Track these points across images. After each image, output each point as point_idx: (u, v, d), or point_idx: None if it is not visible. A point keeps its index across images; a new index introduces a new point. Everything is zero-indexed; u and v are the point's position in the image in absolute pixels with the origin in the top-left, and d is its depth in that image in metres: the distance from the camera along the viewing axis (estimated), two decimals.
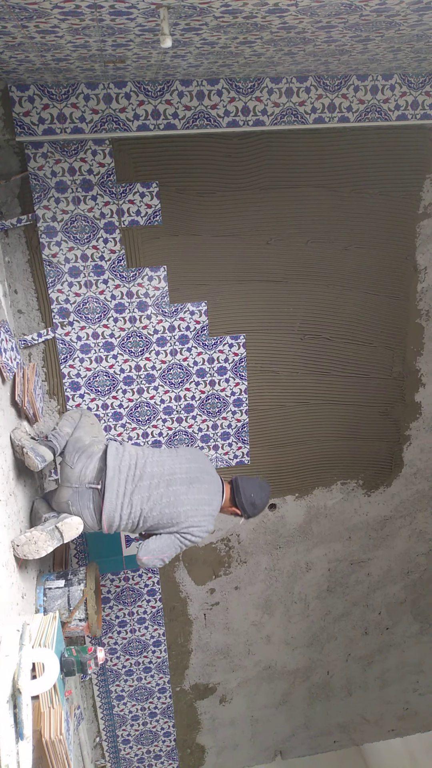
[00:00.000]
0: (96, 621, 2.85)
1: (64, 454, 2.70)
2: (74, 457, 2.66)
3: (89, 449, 2.69)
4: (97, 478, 2.63)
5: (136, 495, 2.63)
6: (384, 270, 3.47)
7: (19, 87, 2.72)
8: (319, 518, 3.99)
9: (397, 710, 4.91)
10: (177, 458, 2.78)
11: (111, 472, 2.61)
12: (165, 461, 2.74)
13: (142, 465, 2.68)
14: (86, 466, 2.64)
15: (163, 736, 4.42)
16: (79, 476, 2.62)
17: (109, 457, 2.65)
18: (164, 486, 2.66)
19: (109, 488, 2.60)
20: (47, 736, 1.95)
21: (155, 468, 2.69)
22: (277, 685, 4.52)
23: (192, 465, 2.77)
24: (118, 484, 2.62)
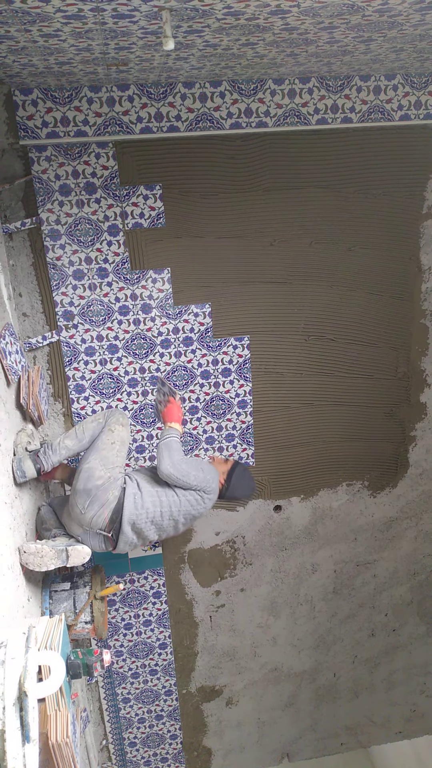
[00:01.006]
0: (102, 623, 2.84)
1: (75, 491, 2.59)
2: (86, 502, 2.56)
3: (103, 495, 2.57)
4: (109, 527, 2.61)
5: (147, 533, 2.71)
6: (388, 270, 3.47)
7: (22, 91, 2.73)
8: (325, 520, 3.98)
9: (404, 712, 4.89)
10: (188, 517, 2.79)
11: (126, 528, 2.63)
12: (182, 503, 2.74)
13: (159, 515, 2.69)
14: (98, 515, 2.58)
15: (170, 738, 4.41)
16: (90, 522, 2.60)
17: (125, 515, 2.60)
18: (176, 515, 2.76)
19: (122, 540, 2.66)
20: (53, 738, 1.95)
21: (170, 524, 2.75)
22: (283, 688, 4.50)
23: (204, 511, 2.86)
24: (132, 536, 2.68)
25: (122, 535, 2.62)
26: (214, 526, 3.83)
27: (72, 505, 2.61)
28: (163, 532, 2.77)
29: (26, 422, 2.97)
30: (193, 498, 2.74)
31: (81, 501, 2.56)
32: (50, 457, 2.65)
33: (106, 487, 2.57)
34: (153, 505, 2.66)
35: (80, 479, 2.58)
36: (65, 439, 2.71)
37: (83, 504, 2.56)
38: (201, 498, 2.76)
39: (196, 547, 3.86)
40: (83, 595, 2.85)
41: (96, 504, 2.56)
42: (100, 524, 2.59)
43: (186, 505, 2.73)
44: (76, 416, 3.36)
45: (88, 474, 2.57)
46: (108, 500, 2.57)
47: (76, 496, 2.57)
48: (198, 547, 3.87)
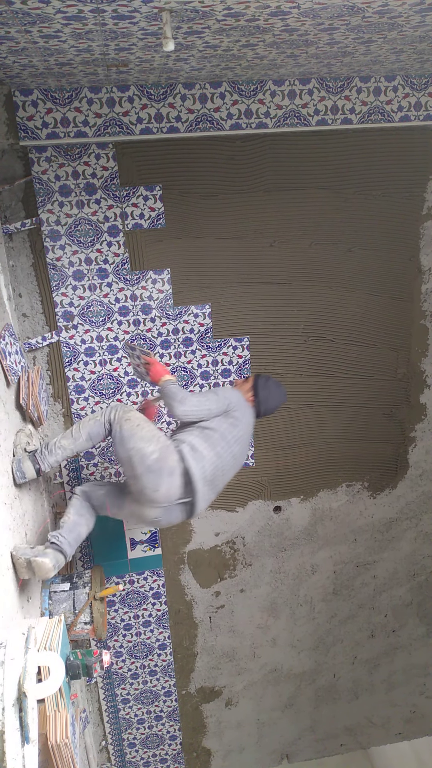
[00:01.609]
0: (101, 624, 2.84)
1: (136, 477, 2.52)
2: (154, 480, 2.50)
3: (165, 465, 2.52)
4: (185, 493, 2.58)
5: (219, 484, 2.71)
6: (388, 271, 3.47)
7: (22, 91, 2.73)
8: (325, 520, 3.98)
9: (404, 713, 4.89)
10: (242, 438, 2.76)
11: (200, 485, 2.59)
12: (235, 450, 2.72)
13: (221, 465, 2.66)
14: (171, 486, 2.53)
15: (169, 739, 4.41)
16: (167, 496, 2.54)
17: (194, 473, 2.56)
18: (237, 464, 2.79)
19: (200, 499, 2.62)
20: (53, 739, 1.95)
21: (230, 460, 2.71)
22: (283, 688, 4.50)
23: (249, 430, 2.82)
24: (206, 492, 2.64)
25: (198, 494, 2.59)
26: (214, 527, 3.83)
27: (140, 491, 2.55)
28: (229, 468, 2.74)
29: (26, 423, 2.97)
30: (226, 423, 2.69)
31: (149, 481, 2.50)
32: (46, 457, 2.62)
33: (163, 456, 2.52)
34: (208, 450, 2.62)
35: (135, 465, 2.51)
36: (61, 439, 2.68)
37: (154, 482, 2.50)
38: (234, 419, 2.70)
39: (195, 548, 3.86)
40: (83, 596, 2.85)
41: (164, 476, 2.50)
42: (177, 493, 2.54)
43: (228, 432, 2.68)
44: (75, 417, 3.36)
45: (139, 456, 2.51)
46: (172, 467, 2.52)
47: (142, 480, 2.51)
48: (198, 548, 3.86)
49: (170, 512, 2.62)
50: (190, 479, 2.55)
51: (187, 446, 2.60)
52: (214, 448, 2.64)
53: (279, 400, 2.92)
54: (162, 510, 2.60)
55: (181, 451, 2.57)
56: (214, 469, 2.63)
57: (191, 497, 2.59)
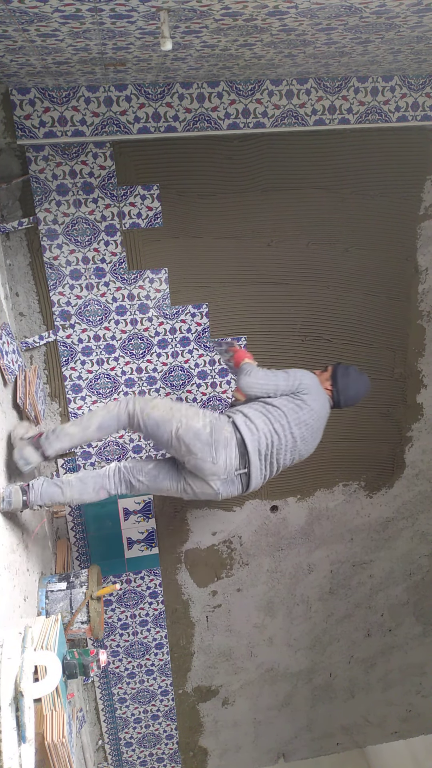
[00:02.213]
0: (98, 623, 2.84)
1: (193, 453, 2.50)
2: (211, 452, 2.49)
3: (220, 436, 2.50)
4: (242, 463, 2.55)
5: (275, 462, 2.64)
6: (385, 271, 3.47)
7: (20, 90, 2.73)
8: (321, 520, 3.99)
9: (400, 712, 4.90)
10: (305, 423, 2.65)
11: (254, 457, 2.54)
12: (295, 432, 2.63)
13: (277, 441, 2.60)
14: (229, 457, 2.51)
15: (166, 738, 4.41)
16: (226, 467, 2.52)
17: (248, 443, 2.52)
18: (299, 448, 2.68)
19: (254, 472, 2.58)
20: (49, 739, 1.95)
21: (289, 441, 2.62)
22: (279, 688, 4.51)
23: (317, 419, 2.71)
24: (261, 466, 2.60)
25: (252, 466, 2.55)
26: (211, 526, 3.83)
27: (198, 467, 2.51)
28: (289, 450, 2.65)
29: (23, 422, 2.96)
30: (292, 403, 2.62)
31: (207, 454, 2.48)
32: (52, 443, 2.55)
33: (217, 428, 2.51)
34: (264, 424, 2.57)
35: (189, 443, 2.48)
36: (70, 426, 2.61)
37: (211, 454, 2.48)
38: (301, 401, 2.62)
39: (192, 547, 3.86)
40: (80, 595, 2.85)
41: (221, 448, 2.49)
42: (235, 464, 2.53)
43: (290, 412, 2.60)
44: (72, 416, 3.36)
45: (192, 433, 2.48)
46: (227, 438, 2.50)
47: (200, 454, 2.48)
48: (195, 547, 3.87)
49: (230, 484, 2.60)
50: (246, 450, 2.52)
51: (241, 416, 2.58)
52: (272, 423, 2.58)
53: (360, 391, 2.83)
54: (222, 482, 2.57)
55: (234, 422, 2.55)
56: (269, 444, 2.57)
57: (247, 468, 2.56)
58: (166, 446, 2.57)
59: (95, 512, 3.61)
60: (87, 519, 3.61)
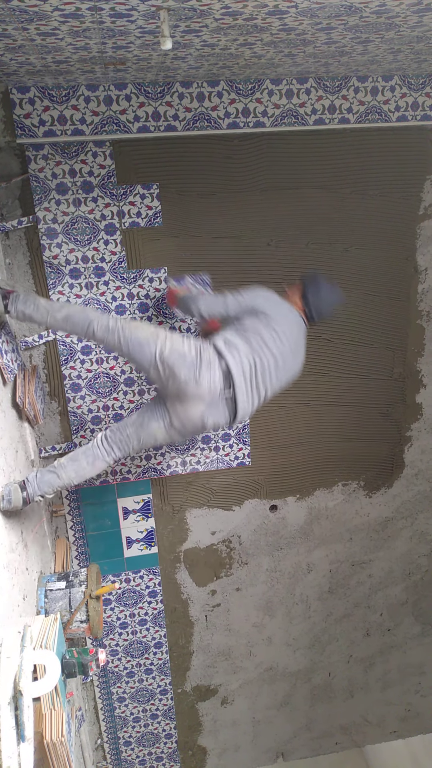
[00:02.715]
0: (97, 622, 2.84)
1: (174, 373, 2.48)
2: (195, 373, 2.47)
3: (204, 358, 2.49)
4: (226, 385, 2.52)
5: (261, 386, 2.61)
6: (384, 271, 3.47)
7: (19, 89, 2.72)
8: (321, 519, 3.99)
9: (399, 712, 4.90)
10: (279, 338, 2.63)
11: (238, 379, 2.52)
12: (273, 349, 2.61)
13: (259, 361, 2.58)
14: (213, 378, 2.49)
15: (165, 737, 4.41)
16: (210, 389, 2.49)
17: (231, 363, 2.51)
18: (282, 369, 2.67)
19: (240, 395, 2.54)
20: (49, 738, 1.95)
21: (270, 359, 2.61)
22: (278, 687, 4.51)
23: (291, 334, 2.69)
24: (246, 388, 2.56)
25: (237, 388, 2.52)
26: (210, 525, 3.83)
27: (182, 389, 2.49)
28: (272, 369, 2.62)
29: (22, 421, 2.96)
30: (259, 322, 2.61)
31: (190, 375, 2.46)
32: (18, 301, 2.55)
33: (199, 352, 2.50)
34: (243, 345, 2.56)
35: (172, 365, 2.46)
36: (42, 299, 2.60)
37: (195, 375, 2.46)
38: (265, 315, 2.62)
39: (191, 547, 3.86)
40: (79, 594, 2.85)
41: (204, 368, 2.47)
42: (219, 384, 2.50)
43: (263, 329, 2.60)
44: (72, 415, 3.36)
45: (177, 354, 2.47)
46: (210, 360, 2.49)
47: (183, 377, 2.46)
48: (194, 547, 3.87)
49: (216, 409, 2.56)
50: (229, 371, 2.50)
51: (221, 339, 2.57)
52: (250, 343, 2.57)
53: (333, 303, 2.82)
54: (207, 405, 2.53)
55: (215, 345, 2.55)
56: (251, 364, 2.56)
57: (232, 391, 2.54)
58: (147, 368, 2.53)
59: (94, 511, 3.61)
60: (86, 518, 3.61)
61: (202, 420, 2.56)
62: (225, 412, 2.58)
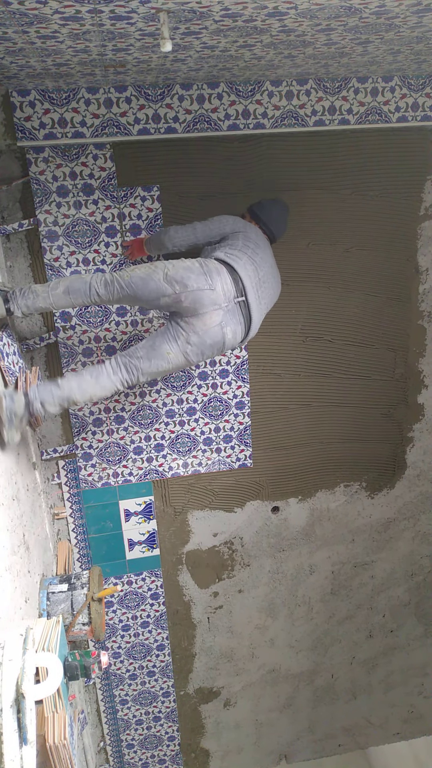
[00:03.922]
0: (99, 625, 2.84)
1: (185, 286, 2.48)
2: (207, 280, 2.49)
3: (209, 267, 2.53)
4: (238, 290, 2.57)
5: (263, 297, 2.69)
6: (385, 272, 3.47)
7: (20, 92, 2.73)
8: (323, 521, 3.98)
9: (402, 713, 4.89)
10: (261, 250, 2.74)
11: (247, 282, 2.58)
12: (261, 259, 2.70)
13: (256, 271, 2.65)
14: (225, 282, 2.52)
15: (168, 740, 4.41)
16: (225, 292, 2.52)
17: (238, 268, 2.56)
18: (272, 278, 2.78)
19: (253, 301, 2.61)
20: (51, 740, 1.95)
21: (263, 270, 2.69)
22: (281, 689, 4.50)
23: (267, 248, 2.81)
24: (257, 295, 2.63)
25: (249, 293, 2.58)
26: (212, 527, 3.83)
27: (198, 298, 2.48)
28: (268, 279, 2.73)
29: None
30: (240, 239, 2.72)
31: (203, 282, 2.49)
32: (17, 297, 2.56)
33: (202, 262, 2.54)
34: (240, 254, 2.64)
35: (181, 278, 2.48)
36: (38, 285, 2.61)
37: (208, 282, 2.49)
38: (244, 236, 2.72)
39: (194, 549, 3.86)
40: (81, 597, 2.85)
41: (214, 274, 2.51)
42: (232, 288, 2.54)
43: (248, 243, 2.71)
44: (73, 417, 3.36)
45: (183, 268, 2.50)
46: (216, 268, 2.53)
47: (196, 285, 2.48)
48: (196, 549, 3.86)
49: (233, 317, 2.58)
50: (237, 275, 2.56)
51: (220, 252, 2.64)
52: (245, 252, 2.66)
53: (280, 214, 2.93)
54: (224, 312, 2.54)
55: (216, 257, 2.61)
56: (255, 270, 2.63)
57: (244, 296, 2.58)
58: (157, 298, 2.52)
59: (96, 513, 3.61)
60: (88, 520, 3.61)
61: (221, 329, 2.56)
62: (241, 319, 2.61)
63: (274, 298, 2.86)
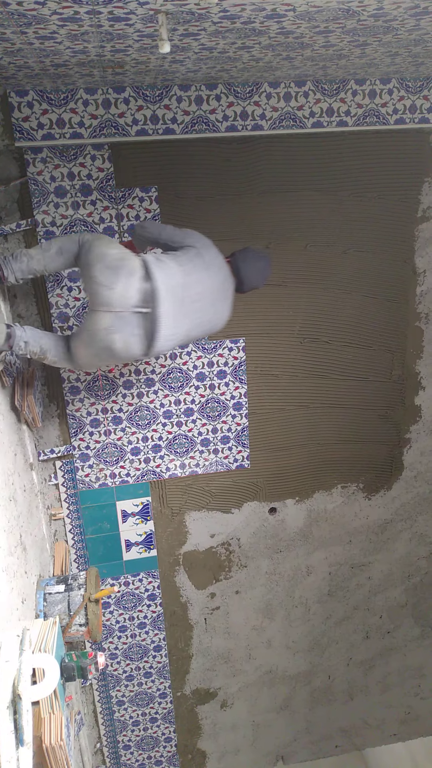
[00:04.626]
0: (96, 626, 2.84)
1: (91, 272, 2.32)
2: (110, 276, 2.28)
3: (125, 265, 2.31)
4: (144, 301, 2.31)
5: (189, 317, 2.43)
6: (383, 273, 3.48)
7: (18, 92, 2.73)
8: (320, 522, 3.99)
9: (398, 714, 4.89)
10: (211, 271, 2.50)
11: (163, 293, 2.31)
12: (204, 279, 2.46)
13: (189, 286, 2.40)
14: (129, 285, 2.29)
15: (164, 741, 4.40)
16: (122, 298, 2.28)
17: (157, 276, 2.31)
18: (210, 306, 2.50)
19: (164, 315, 2.33)
20: (47, 741, 1.95)
21: (199, 287, 2.44)
22: (278, 690, 4.50)
23: (221, 274, 2.56)
24: (173, 310, 2.36)
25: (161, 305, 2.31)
26: (209, 528, 3.83)
27: (95, 292, 2.32)
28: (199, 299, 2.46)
29: (20, 424, 2.96)
30: (191, 252, 2.48)
31: (105, 278, 2.28)
32: (11, 262, 2.46)
33: (125, 257, 2.33)
34: (173, 263, 2.40)
35: (93, 264, 2.31)
36: (30, 249, 2.54)
37: (109, 279, 2.27)
38: (197, 252, 2.48)
39: (191, 550, 3.86)
40: (78, 598, 2.85)
41: (122, 274, 2.28)
42: (134, 297, 2.30)
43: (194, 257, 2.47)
44: (70, 418, 3.36)
45: (100, 255, 2.32)
46: (134, 268, 2.31)
47: (99, 278, 2.29)
48: (193, 550, 3.86)
49: (125, 324, 2.32)
50: (153, 286, 2.30)
51: (152, 255, 2.41)
52: (182, 265, 2.41)
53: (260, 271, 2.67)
54: (115, 317, 2.31)
55: (144, 258, 2.37)
56: (183, 285, 2.38)
57: (151, 308, 2.32)
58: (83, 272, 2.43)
59: (93, 514, 3.61)
60: (85, 521, 3.60)
61: (107, 334, 2.34)
62: (137, 331, 2.35)
63: (208, 326, 2.58)
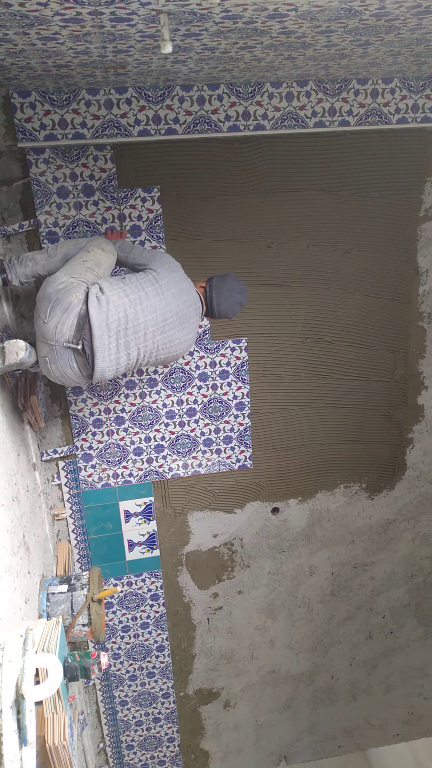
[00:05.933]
0: (99, 626, 2.84)
1: (36, 301, 2.33)
2: (47, 308, 2.26)
3: (65, 299, 2.27)
4: (76, 337, 2.29)
5: (132, 346, 2.40)
6: (385, 273, 3.48)
7: (20, 93, 2.73)
8: (323, 522, 3.98)
9: (402, 714, 4.89)
10: (164, 297, 2.43)
11: (98, 331, 2.29)
12: (156, 306, 2.40)
13: (134, 316, 2.35)
14: (62, 322, 2.26)
15: (167, 741, 4.40)
16: (54, 333, 2.27)
17: (92, 314, 2.27)
18: (159, 333, 2.44)
19: (99, 349, 2.32)
20: (51, 741, 1.95)
21: (148, 316, 2.39)
22: (281, 690, 4.50)
23: (180, 301, 2.48)
24: (109, 343, 2.33)
25: (96, 339, 2.28)
26: (212, 528, 3.83)
27: (35, 322, 2.34)
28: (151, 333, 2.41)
29: (23, 424, 2.97)
30: (148, 277, 2.43)
31: (42, 307, 2.28)
32: (15, 266, 2.49)
33: (67, 290, 2.28)
34: (119, 297, 2.34)
35: (41, 288, 2.33)
36: (36, 254, 2.55)
37: (45, 311, 2.26)
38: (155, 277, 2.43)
39: (193, 550, 3.86)
40: (81, 598, 2.85)
41: (58, 309, 2.25)
42: (65, 334, 2.27)
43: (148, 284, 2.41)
44: (73, 418, 3.36)
45: (48, 280, 2.33)
46: (71, 304, 2.26)
47: (38, 304, 2.31)
48: (196, 550, 3.86)
49: (59, 356, 2.33)
50: (88, 322, 2.28)
51: (96, 288, 2.35)
52: (128, 295, 2.36)
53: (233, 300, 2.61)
54: (49, 349, 2.31)
55: (87, 292, 2.33)
56: (123, 318, 2.33)
57: (84, 344, 2.30)
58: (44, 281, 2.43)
59: (96, 514, 3.61)
60: (88, 521, 3.61)
61: (44, 364, 2.37)
62: (73, 365, 2.35)
63: (165, 353, 2.51)
